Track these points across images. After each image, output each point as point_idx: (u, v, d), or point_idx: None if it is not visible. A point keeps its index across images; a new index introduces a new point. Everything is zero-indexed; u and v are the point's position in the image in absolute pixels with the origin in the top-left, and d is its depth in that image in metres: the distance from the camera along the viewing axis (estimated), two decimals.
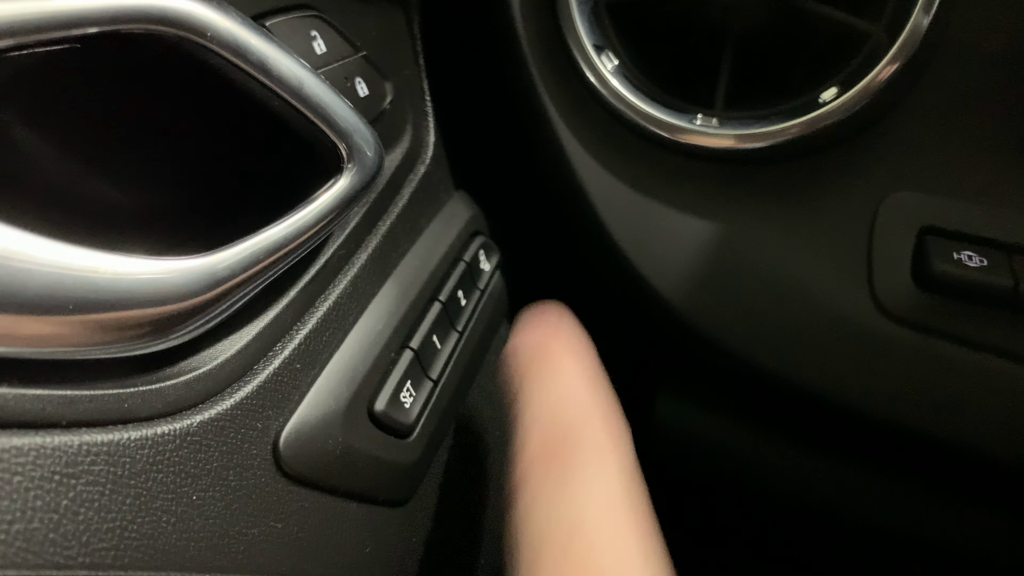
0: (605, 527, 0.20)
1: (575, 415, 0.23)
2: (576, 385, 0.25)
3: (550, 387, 0.25)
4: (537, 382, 0.25)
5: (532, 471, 0.22)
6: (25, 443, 0.16)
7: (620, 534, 0.20)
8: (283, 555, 0.23)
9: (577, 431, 0.23)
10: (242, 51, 0.20)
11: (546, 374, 0.25)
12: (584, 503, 0.21)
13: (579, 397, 0.24)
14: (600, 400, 0.24)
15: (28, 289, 0.15)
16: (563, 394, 0.24)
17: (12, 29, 0.15)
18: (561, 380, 0.25)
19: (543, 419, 0.24)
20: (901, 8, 0.31)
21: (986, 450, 0.32)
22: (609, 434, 0.23)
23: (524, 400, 0.25)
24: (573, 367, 0.26)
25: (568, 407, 0.24)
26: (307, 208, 0.23)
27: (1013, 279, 0.30)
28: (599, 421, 0.23)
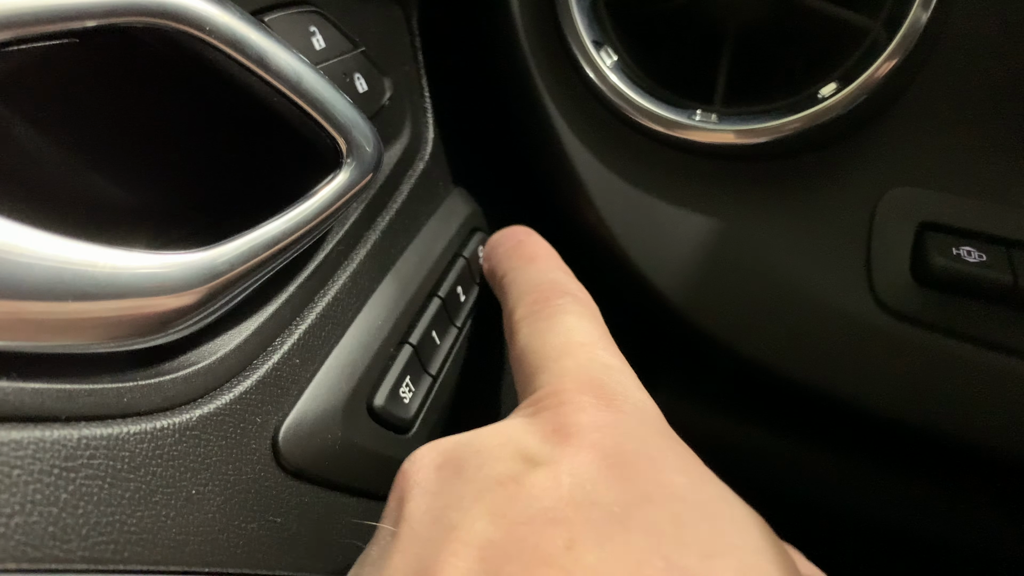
0: (590, 340, 0.24)
1: (555, 281, 0.28)
2: (554, 265, 0.30)
3: (533, 266, 0.30)
4: (520, 265, 0.30)
5: (528, 314, 0.26)
6: (24, 437, 0.16)
7: (601, 350, 0.24)
8: (282, 550, 0.23)
9: (559, 289, 0.27)
10: (241, 46, 0.20)
11: (527, 259, 0.30)
12: (570, 330, 0.25)
13: (558, 272, 0.29)
14: (573, 277, 0.29)
15: (27, 283, 0.16)
16: (544, 269, 0.29)
17: (10, 22, 0.15)
18: (541, 262, 0.30)
19: (530, 286, 0.28)
20: (900, 3, 0.31)
21: (986, 445, 0.32)
22: (586, 293, 0.28)
23: (511, 279, 0.30)
24: (548, 253, 0.31)
25: (550, 278, 0.28)
26: (306, 203, 0.23)
27: (1012, 274, 0.30)
28: (576, 285, 0.28)
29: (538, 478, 0.18)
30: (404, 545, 0.19)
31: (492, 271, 0.32)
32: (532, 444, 0.20)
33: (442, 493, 0.20)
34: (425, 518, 0.19)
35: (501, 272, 0.31)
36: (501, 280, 0.31)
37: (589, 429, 0.20)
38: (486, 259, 0.33)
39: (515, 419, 0.22)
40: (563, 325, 0.25)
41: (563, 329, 0.25)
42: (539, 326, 0.26)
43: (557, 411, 0.21)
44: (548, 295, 0.27)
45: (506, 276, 0.30)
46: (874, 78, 0.31)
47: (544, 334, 0.25)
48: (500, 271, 0.31)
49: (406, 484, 0.21)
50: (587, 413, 0.20)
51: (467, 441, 0.21)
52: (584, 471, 0.18)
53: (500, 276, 0.31)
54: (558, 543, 0.17)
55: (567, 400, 0.21)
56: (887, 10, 0.31)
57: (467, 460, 0.20)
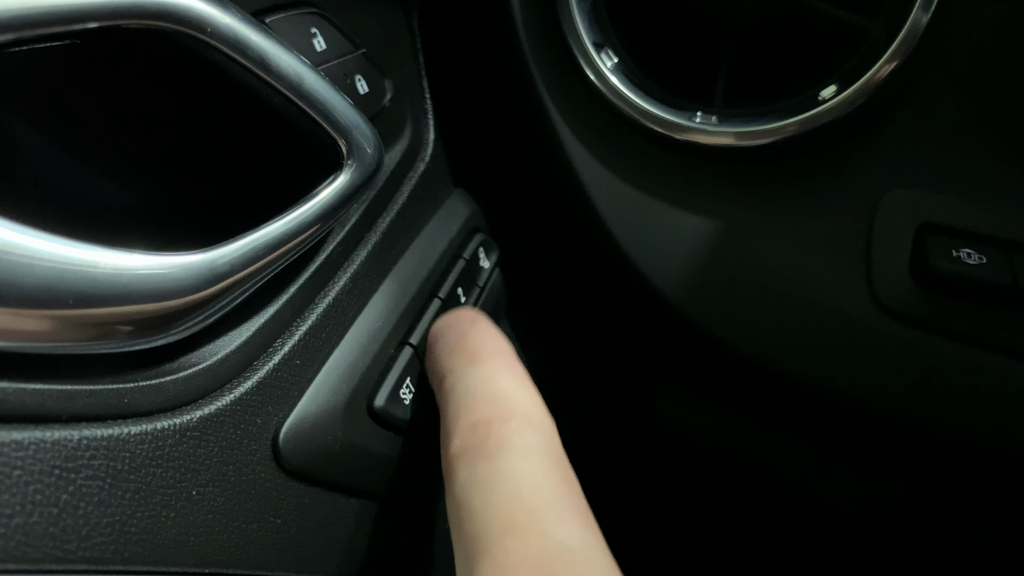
0: (541, 503, 0.20)
1: (499, 395, 0.24)
2: (499, 368, 0.26)
3: (475, 370, 0.25)
4: (459, 366, 0.26)
5: (465, 451, 0.22)
6: (25, 437, 0.16)
7: (555, 519, 0.20)
8: (282, 550, 0.23)
9: (503, 409, 0.23)
10: (242, 47, 0.20)
11: (468, 359, 0.26)
12: (517, 483, 0.21)
13: (503, 378, 0.25)
14: (522, 382, 0.25)
15: (28, 284, 0.16)
16: (488, 375, 0.25)
17: (12, 24, 0.15)
18: (485, 364, 0.26)
19: (470, 402, 0.24)
20: (900, 5, 0.31)
21: (985, 446, 0.32)
22: (536, 411, 0.24)
23: (448, 386, 0.25)
24: (494, 350, 0.26)
25: (492, 390, 0.24)
26: (307, 204, 0.23)
27: (1012, 276, 0.30)
28: (525, 400, 0.24)
29: None
30: None
31: (432, 369, 0.28)
32: None
33: None
34: None
35: (440, 373, 0.27)
36: (440, 385, 0.26)
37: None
38: (427, 351, 0.29)
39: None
40: (508, 475, 0.21)
41: (508, 481, 0.21)
42: (478, 471, 0.21)
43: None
44: (490, 419, 0.23)
45: (444, 381, 0.26)
46: (874, 80, 0.31)
47: (485, 489, 0.21)
48: (439, 372, 0.27)
49: None
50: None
51: None
52: None
53: (440, 379, 0.26)
54: None
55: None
56: (887, 12, 0.32)
57: None
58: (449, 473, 0.23)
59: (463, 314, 0.29)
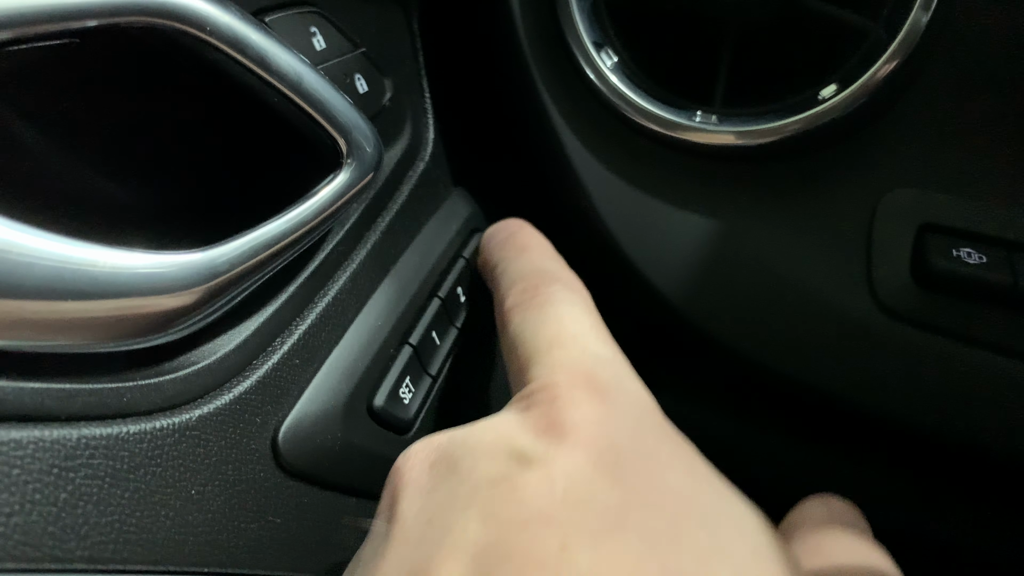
0: (582, 330, 0.24)
1: (546, 269, 0.28)
2: (546, 254, 0.30)
3: (524, 256, 0.30)
4: (511, 255, 0.30)
5: (517, 303, 0.26)
6: (24, 436, 0.16)
7: (593, 340, 0.24)
8: (281, 550, 0.23)
9: (550, 277, 0.27)
10: (241, 46, 0.20)
11: (518, 249, 0.30)
12: (561, 319, 0.25)
13: (549, 260, 0.29)
14: (565, 265, 0.29)
15: (27, 282, 0.16)
16: (535, 259, 0.29)
17: (11, 22, 0.15)
18: (533, 252, 0.30)
19: (521, 275, 0.28)
20: (901, 5, 0.31)
21: (985, 446, 0.32)
22: (577, 280, 0.28)
23: (502, 269, 0.30)
24: (540, 243, 0.31)
25: (541, 267, 0.28)
26: (306, 203, 0.23)
27: (1012, 276, 0.30)
28: (568, 273, 0.28)
29: (531, 479, 0.18)
30: (397, 546, 0.19)
31: (485, 262, 0.32)
32: (525, 442, 0.20)
33: (435, 493, 0.19)
34: (418, 519, 0.19)
35: (493, 263, 0.31)
36: (493, 271, 0.31)
37: (582, 426, 0.20)
38: (480, 251, 0.33)
39: (508, 414, 0.21)
40: (554, 314, 0.25)
41: (554, 318, 0.25)
42: (530, 315, 0.25)
43: (550, 407, 0.20)
44: (538, 283, 0.27)
45: (497, 267, 0.30)
46: (874, 79, 0.31)
47: (535, 324, 0.25)
48: (492, 262, 0.31)
49: (400, 481, 0.21)
50: (580, 409, 0.20)
51: (460, 438, 0.21)
52: (578, 471, 0.18)
53: (492, 267, 0.31)
54: (551, 545, 0.16)
55: (560, 395, 0.21)
56: (888, 11, 0.31)
57: (460, 458, 0.20)
58: (503, 323, 0.26)
59: (511, 220, 0.34)
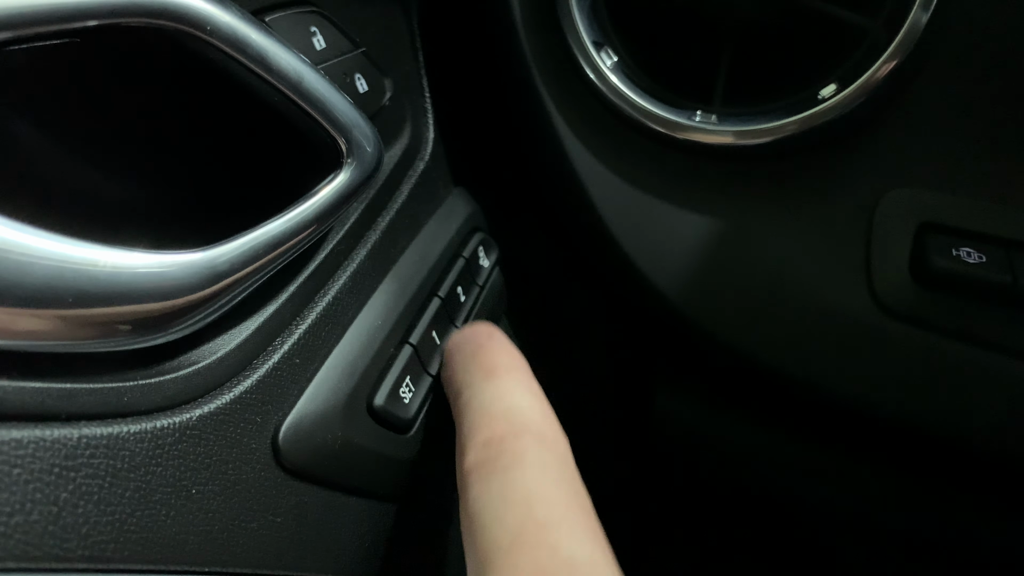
0: (552, 518, 0.20)
1: (513, 411, 0.25)
2: (515, 383, 0.26)
3: (491, 385, 0.26)
4: (476, 381, 0.26)
5: (479, 465, 0.23)
6: (24, 436, 0.16)
7: (566, 534, 0.20)
8: (282, 549, 0.23)
9: (519, 425, 0.24)
10: (242, 46, 0.20)
11: (484, 373, 0.27)
12: (528, 498, 0.21)
13: (518, 394, 0.25)
14: (538, 400, 0.26)
15: (28, 282, 0.16)
16: (504, 392, 0.25)
17: (11, 22, 0.15)
18: (501, 380, 0.26)
19: (486, 415, 0.25)
20: (900, 4, 0.31)
21: (984, 445, 0.32)
22: (550, 428, 0.24)
23: (464, 400, 0.26)
24: (510, 365, 0.27)
25: (509, 406, 0.25)
26: (307, 203, 0.23)
27: (1012, 275, 0.30)
28: (539, 417, 0.25)
29: None
30: None
31: (448, 381, 0.28)
32: None
33: None
34: None
35: (456, 387, 0.27)
36: (457, 399, 0.27)
37: None
38: (444, 363, 0.30)
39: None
40: (521, 488, 0.21)
41: (521, 495, 0.21)
42: (492, 485, 0.22)
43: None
44: (504, 435, 0.23)
45: (460, 396, 0.27)
46: (874, 79, 0.31)
47: (498, 502, 0.21)
48: (455, 386, 0.27)
49: None
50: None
51: None
52: None
53: (455, 393, 0.27)
54: None
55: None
56: (887, 11, 0.32)
57: None
58: (463, 487, 0.23)
59: (479, 329, 0.30)
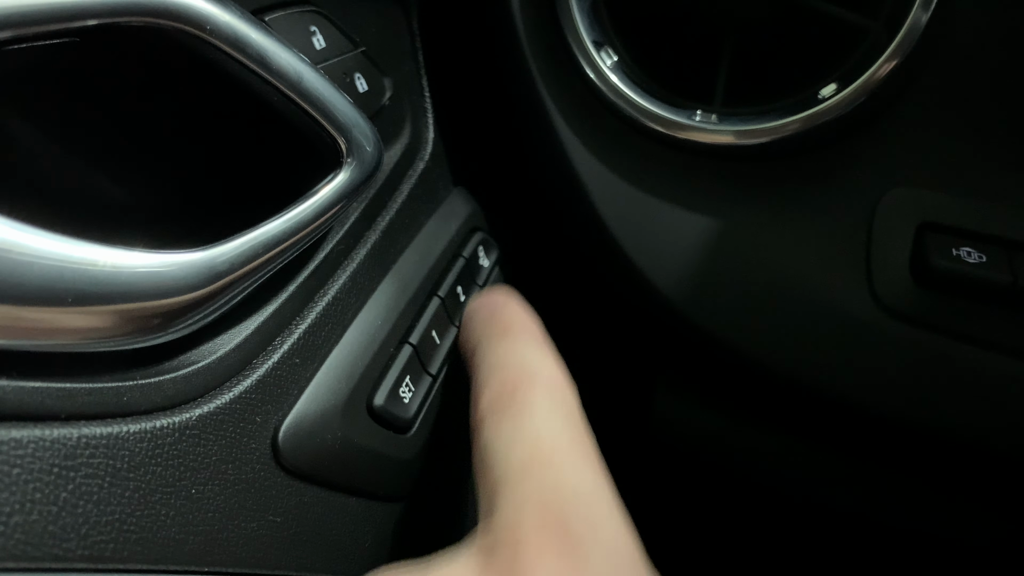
0: (558, 454, 0.22)
1: (525, 363, 0.26)
2: (527, 340, 0.27)
3: (505, 342, 0.27)
4: (491, 338, 0.28)
5: (492, 409, 0.24)
6: (24, 435, 0.16)
7: (570, 468, 0.22)
8: (282, 549, 0.23)
9: (530, 376, 0.25)
10: (241, 45, 0.20)
11: (499, 331, 0.28)
12: (537, 435, 0.23)
13: (530, 349, 0.27)
14: (550, 358, 0.27)
15: (27, 281, 0.16)
16: (517, 348, 0.27)
17: (11, 21, 0.15)
18: (516, 337, 0.28)
19: (500, 367, 0.26)
20: (900, 4, 0.31)
21: (984, 444, 0.32)
22: (559, 378, 0.26)
23: (480, 355, 0.27)
24: (523, 325, 0.28)
25: (522, 360, 0.26)
26: (306, 203, 0.23)
27: (1012, 275, 0.30)
28: (549, 369, 0.26)
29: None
30: None
31: (465, 341, 0.30)
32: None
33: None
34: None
35: (473, 344, 0.29)
36: (472, 356, 0.28)
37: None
38: (462, 326, 0.31)
39: (469, 560, 0.20)
40: (530, 428, 0.23)
41: (530, 434, 0.23)
42: (503, 426, 0.23)
43: (514, 560, 0.19)
44: (516, 384, 0.25)
45: (476, 351, 0.28)
46: (874, 79, 0.31)
47: (508, 438, 0.23)
48: (472, 342, 0.29)
49: None
50: (545, 563, 0.19)
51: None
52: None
53: (471, 350, 0.29)
54: None
55: (525, 542, 0.19)
56: (887, 11, 0.32)
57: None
58: (476, 429, 0.24)
59: (497, 292, 0.31)
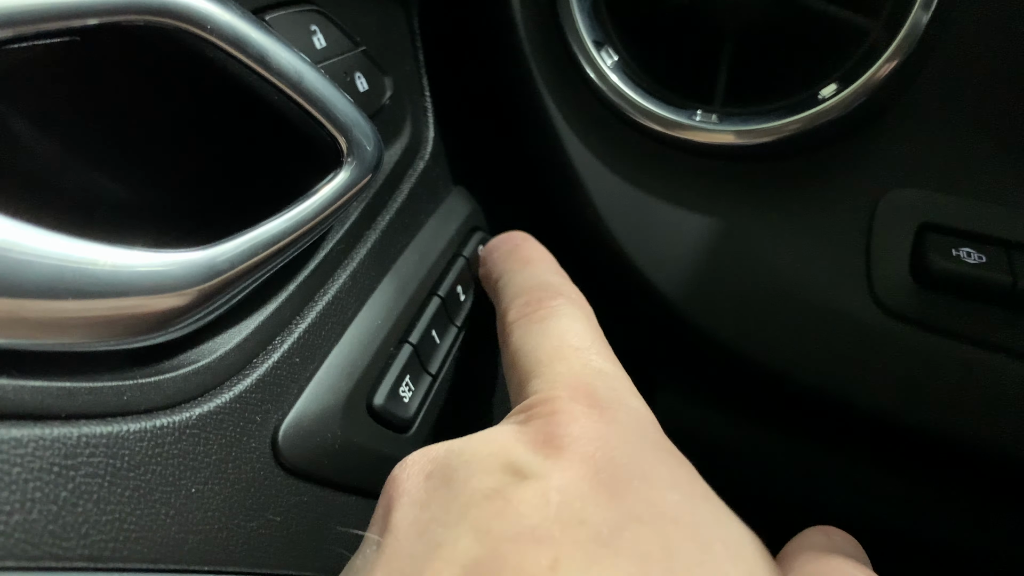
0: (584, 345, 0.24)
1: (549, 283, 0.28)
2: (549, 268, 0.30)
3: (527, 269, 0.30)
4: (514, 268, 0.30)
5: (520, 315, 0.26)
6: (24, 434, 0.16)
7: (595, 355, 0.24)
8: (281, 548, 0.23)
9: (553, 291, 0.27)
10: (242, 44, 0.20)
11: (522, 262, 0.30)
12: (564, 332, 0.25)
13: (552, 275, 0.29)
14: (568, 279, 0.29)
15: (27, 280, 0.16)
16: (539, 272, 0.29)
17: (11, 20, 0.15)
18: (536, 265, 0.30)
19: (524, 288, 0.28)
20: (900, 5, 0.31)
21: (984, 445, 0.32)
22: (580, 295, 0.28)
23: (505, 281, 0.29)
24: (543, 256, 0.31)
25: (544, 280, 0.28)
26: (307, 202, 0.23)
27: (1011, 275, 0.30)
28: (571, 287, 0.28)
29: (526, 493, 0.18)
30: (387, 559, 0.18)
31: (487, 274, 0.32)
32: (522, 455, 0.19)
33: (429, 505, 0.19)
34: (410, 531, 0.19)
35: (496, 275, 0.31)
36: (495, 283, 0.30)
37: (581, 441, 0.19)
38: (482, 263, 0.33)
39: (506, 426, 0.21)
40: (556, 328, 0.25)
41: (556, 332, 0.25)
42: (532, 328, 0.25)
43: (549, 420, 0.20)
44: (541, 297, 0.27)
45: (500, 279, 0.30)
46: (874, 79, 0.31)
47: (537, 337, 0.25)
48: (495, 274, 0.31)
49: (394, 492, 0.20)
50: (579, 423, 0.20)
51: (457, 450, 0.21)
52: (573, 487, 0.18)
53: (495, 279, 0.31)
54: (542, 563, 0.16)
55: (559, 408, 0.21)
56: (887, 11, 0.31)
57: (455, 470, 0.20)
58: (504, 336, 0.26)
59: (515, 232, 0.33)
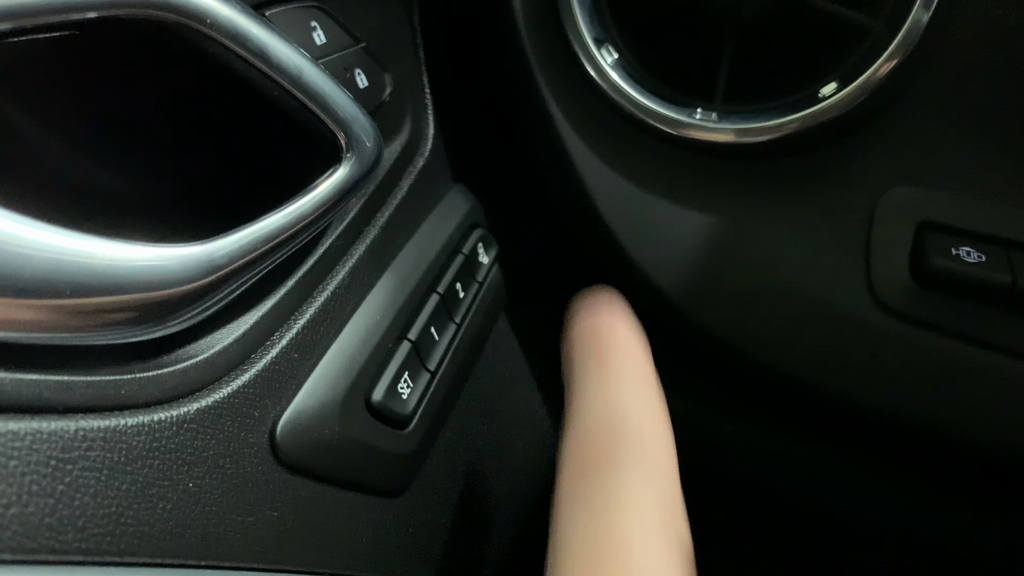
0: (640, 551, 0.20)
1: (622, 417, 0.23)
2: (630, 378, 0.25)
3: (603, 385, 0.25)
4: (590, 370, 0.25)
5: (577, 486, 0.22)
6: (21, 428, 0.16)
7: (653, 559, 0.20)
8: (279, 543, 0.23)
9: (622, 434, 0.22)
10: (241, 39, 0.20)
11: (599, 365, 0.25)
12: (622, 524, 0.20)
13: (630, 393, 0.24)
14: (649, 405, 0.24)
15: (25, 273, 0.16)
16: (614, 394, 0.24)
17: (11, 13, 0.15)
18: (613, 377, 0.25)
19: (589, 425, 0.23)
20: (901, 3, 0.31)
21: (984, 445, 0.32)
22: (655, 444, 0.23)
23: (577, 394, 0.25)
24: (627, 354, 0.26)
25: (615, 411, 0.23)
26: (306, 197, 0.23)
27: (1011, 275, 0.30)
28: (647, 428, 0.23)
29: None
30: None
31: (567, 356, 0.27)
32: None
33: None
34: None
35: (569, 369, 0.26)
36: (569, 389, 0.26)
37: None
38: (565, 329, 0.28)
39: None
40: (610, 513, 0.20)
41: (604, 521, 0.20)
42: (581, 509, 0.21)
43: None
44: (605, 447, 0.22)
45: (573, 386, 0.25)
46: (875, 78, 0.31)
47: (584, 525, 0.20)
48: (569, 366, 0.26)
49: None
50: None
51: None
52: None
53: (568, 376, 0.26)
54: None
55: None
56: (888, 9, 0.31)
57: None
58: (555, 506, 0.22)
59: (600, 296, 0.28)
